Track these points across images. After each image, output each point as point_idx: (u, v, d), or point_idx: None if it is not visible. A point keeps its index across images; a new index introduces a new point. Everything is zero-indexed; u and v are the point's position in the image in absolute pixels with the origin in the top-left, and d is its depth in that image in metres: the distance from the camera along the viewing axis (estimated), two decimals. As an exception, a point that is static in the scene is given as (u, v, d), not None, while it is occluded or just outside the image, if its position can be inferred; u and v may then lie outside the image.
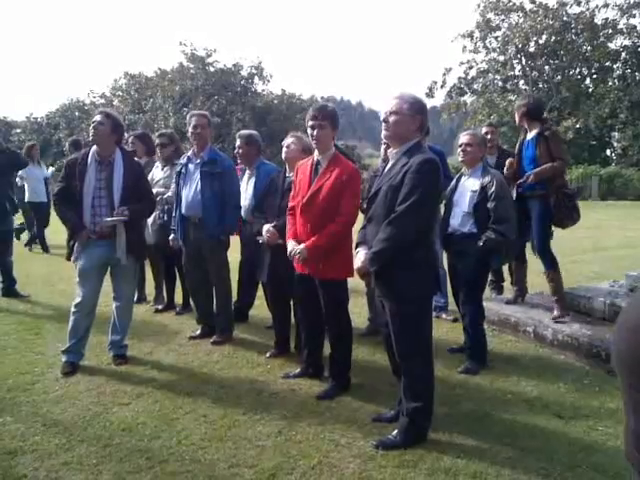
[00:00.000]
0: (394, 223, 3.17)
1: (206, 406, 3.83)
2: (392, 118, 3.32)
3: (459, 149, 4.68)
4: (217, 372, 4.49)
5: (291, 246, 4.00)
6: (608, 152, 36.60)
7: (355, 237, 4.18)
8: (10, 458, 3.17)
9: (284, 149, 4.60)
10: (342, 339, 4.13)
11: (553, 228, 5.19)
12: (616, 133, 35.15)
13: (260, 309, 5.92)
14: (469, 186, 4.60)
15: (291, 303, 4.76)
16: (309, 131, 3.91)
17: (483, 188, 4.51)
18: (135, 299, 5.42)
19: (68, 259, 4.59)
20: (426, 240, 3.34)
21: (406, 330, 3.29)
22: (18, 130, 41.19)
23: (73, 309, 4.47)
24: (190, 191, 5.07)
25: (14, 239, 7.01)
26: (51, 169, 10.45)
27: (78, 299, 4.46)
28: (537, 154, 5.07)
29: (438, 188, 3.40)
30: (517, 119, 5.34)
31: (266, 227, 4.48)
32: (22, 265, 7.66)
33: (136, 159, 5.33)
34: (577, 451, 3.22)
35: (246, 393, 4.06)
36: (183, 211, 5.13)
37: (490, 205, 4.39)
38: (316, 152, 4.01)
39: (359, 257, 3.42)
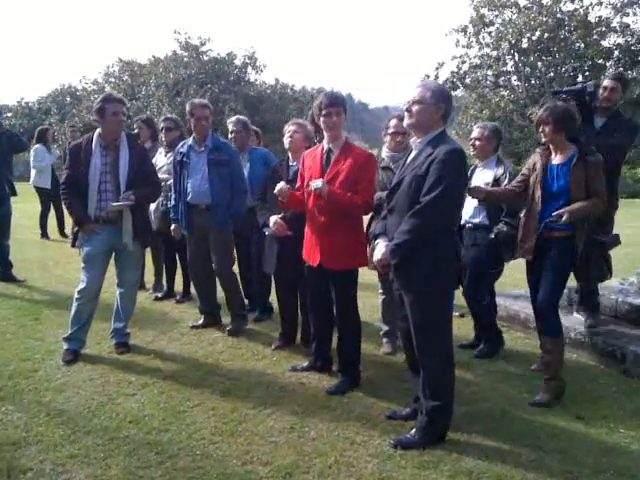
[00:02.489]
0: (418, 214, 3.06)
1: (214, 399, 3.71)
2: (415, 107, 3.22)
3: (471, 142, 4.65)
4: (223, 363, 4.37)
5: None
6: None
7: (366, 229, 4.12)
8: (14, 449, 3.04)
9: (287, 137, 4.49)
10: (352, 332, 4.03)
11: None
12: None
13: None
14: (482, 178, 4.55)
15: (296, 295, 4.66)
16: (323, 119, 3.84)
17: (496, 180, 4.47)
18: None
19: (73, 246, 4.43)
20: (449, 232, 3.24)
21: (426, 324, 3.18)
22: (9, 114, 40.69)
23: (77, 295, 4.34)
24: (197, 180, 4.92)
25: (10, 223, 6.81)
26: (56, 153, 10.19)
27: (82, 285, 4.32)
28: (570, 184, 3.77)
29: (465, 179, 3.30)
30: (544, 134, 3.83)
31: (273, 218, 4.35)
32: (17, 249, 7.47)
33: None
34: (601, 454, 3.13)
35: (254, 386, 3.94)
36: (189, 200, 4.97)
37: None
38: (325, 140, 3.93)
39: (379, 249, 3.30)
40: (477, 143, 4.61)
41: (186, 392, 3.80)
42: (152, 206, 5.56)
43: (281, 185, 3.91)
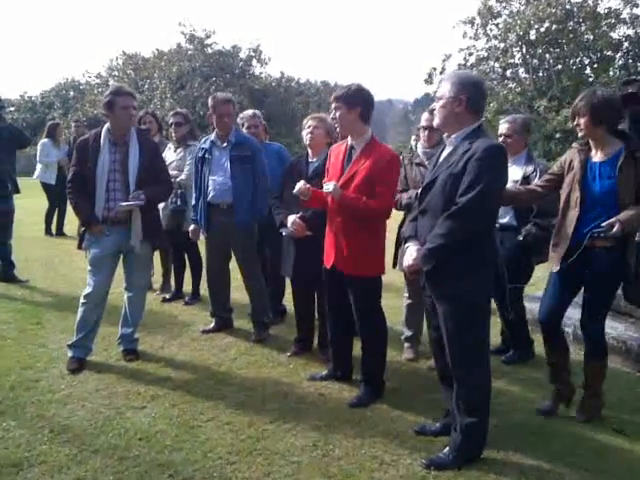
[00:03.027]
0: (455, 216, 2.81)
1: (229, 412, 3.47)
2: (437, 105, 3.02)
3: (500, 139, 4.34)
4: (236, 371, 4.13)
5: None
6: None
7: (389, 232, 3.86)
8: (15, 472, 2.81)
9: (307, 134, 4.24)
10: (376, 340, 3.79)
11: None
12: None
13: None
14: (510, 175, 4.23)
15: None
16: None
17: (525, 178, 4.18)
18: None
19: (79, 247, 4.19)
20: (488, 235, 2.99)
21: (461, 335, 2.93)
22: (12, 108, 40.51)
23: (82, 300, 4.09)
24: (219, 177, 4.66)
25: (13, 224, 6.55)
26: (65, 149, 9.91)
27: (88, 289, 4.07)
28: (617, 185, 3.22)
29: (505, 177, 3.04)
30: (580, 127, 3.34)
31: (291, 218, 4.11)
32: (20, 247, 7.21)
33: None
34: (652, 475, 2.89)
35: (271, 397, 3.70)
36: (209, 198, 4.71)
37: None
38: (350, 136, 3.70)
39: (410, 253, 3.05)
40: (508, 140, 4.27)
41: (199, 404, 3.56)
42: (160, 204, 5.32)
43: (300, 185, 3.66)
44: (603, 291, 3.37)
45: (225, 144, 4.68)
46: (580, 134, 3.39)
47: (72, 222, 9.02)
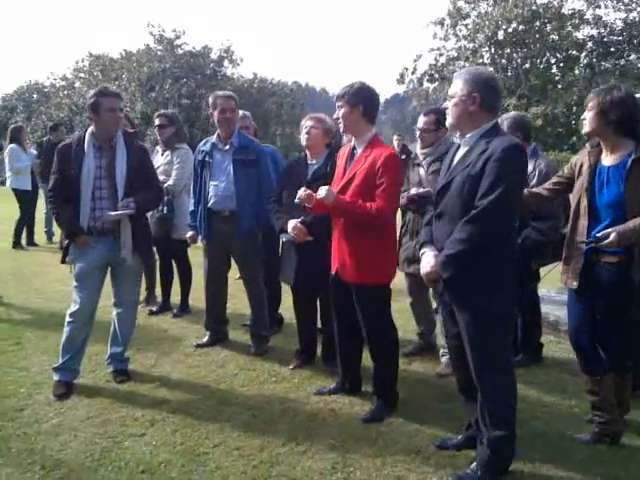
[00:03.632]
0: (475, 220, 2.63)
1: (236, 435, 3.21)
2: (449, 104, 2.85)
3: None
4: (238, 389, 3.87)
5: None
6: (575, 138, 36.63)
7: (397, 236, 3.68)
8: (6, 518, 2.51)
9: (304, 134, 4.03)
10: (384, 349, 3.57)
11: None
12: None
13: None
14: None
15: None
16: None
17: None
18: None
19: (63, 262, 3.86)
20: (509, 237, 2.82)
21: (486, 345, 2.75)
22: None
23: (68, 318, 3.76)
24: (221, 183, 4.39)
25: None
26: (32, 153, 9.51)
27: (75, 307, 3.75)
28: (624, 193, 2.87)
29: (525, 177, 2.87)
30: (586, 122, 3.01)
31: (292, 223, 3.87)
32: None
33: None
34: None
35: (279, 416, 3.46)
36: (210, 205, 4.44)
37: None
38: (353, 137, 3.53)
39: (427, 260, 2.86)
40: None
41: (202, 428, 3.29)
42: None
43: (300, 192, 3.43)
44: (612, 306, 3.01)
45: (227, 147, 4.41)
46: (583, 130, 3.06)
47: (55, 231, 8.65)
